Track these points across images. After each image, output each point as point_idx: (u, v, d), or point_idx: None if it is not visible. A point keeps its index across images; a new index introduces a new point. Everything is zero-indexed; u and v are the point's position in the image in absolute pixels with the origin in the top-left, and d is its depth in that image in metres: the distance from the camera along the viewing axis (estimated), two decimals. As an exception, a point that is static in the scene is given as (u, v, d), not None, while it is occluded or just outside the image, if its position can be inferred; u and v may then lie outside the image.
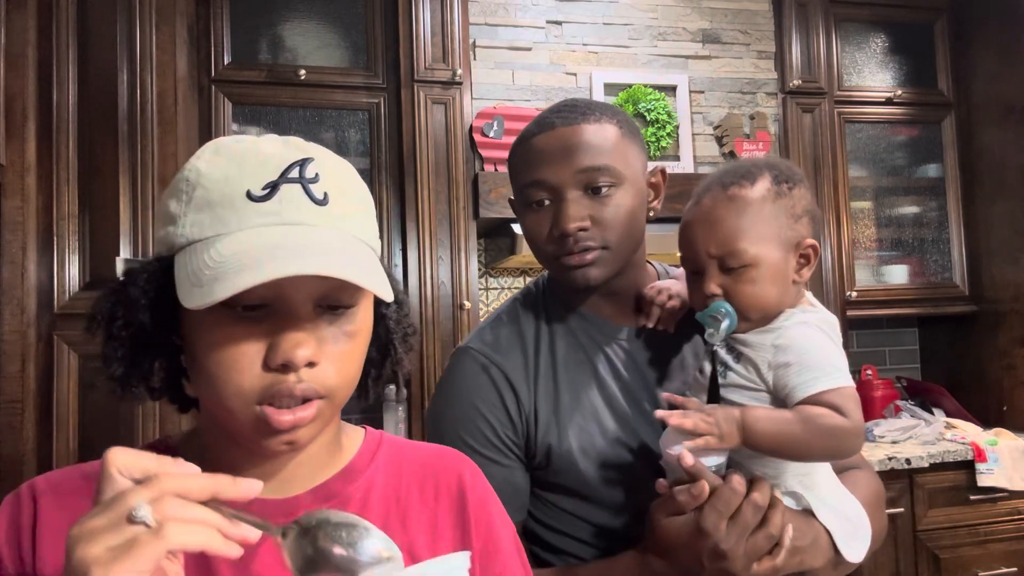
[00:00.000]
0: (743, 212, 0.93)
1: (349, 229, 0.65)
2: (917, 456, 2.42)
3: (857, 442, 0.89)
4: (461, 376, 1.04)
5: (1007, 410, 2.84)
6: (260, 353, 0.60)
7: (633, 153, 1.01)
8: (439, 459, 0.79)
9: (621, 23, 2.75)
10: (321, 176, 0.64)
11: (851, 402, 0.87)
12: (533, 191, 0.99)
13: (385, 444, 0.78)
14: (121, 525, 0.48)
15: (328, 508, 0.57)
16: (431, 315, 2.41)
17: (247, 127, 2.49)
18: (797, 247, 0.94)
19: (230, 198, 0.61)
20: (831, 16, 2.95)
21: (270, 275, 0.56)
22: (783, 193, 0.94)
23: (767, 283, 0.92)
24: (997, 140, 2.93)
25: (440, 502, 0.75)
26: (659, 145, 2.70)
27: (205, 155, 0.65)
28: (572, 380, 1.04)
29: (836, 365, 0.89)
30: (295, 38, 2.52)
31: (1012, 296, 2.86)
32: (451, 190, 2.45)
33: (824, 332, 0.92)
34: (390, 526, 0.71)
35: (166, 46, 2.15)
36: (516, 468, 1.02)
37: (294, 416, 0.61)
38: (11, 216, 1.98)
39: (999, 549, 2.51)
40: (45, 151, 2.02)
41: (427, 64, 2.47)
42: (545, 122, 1.00)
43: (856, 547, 0.91)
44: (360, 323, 0.66)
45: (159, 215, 0.66)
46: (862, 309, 2.86)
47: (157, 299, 0.63)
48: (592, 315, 1.08)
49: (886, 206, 3.06)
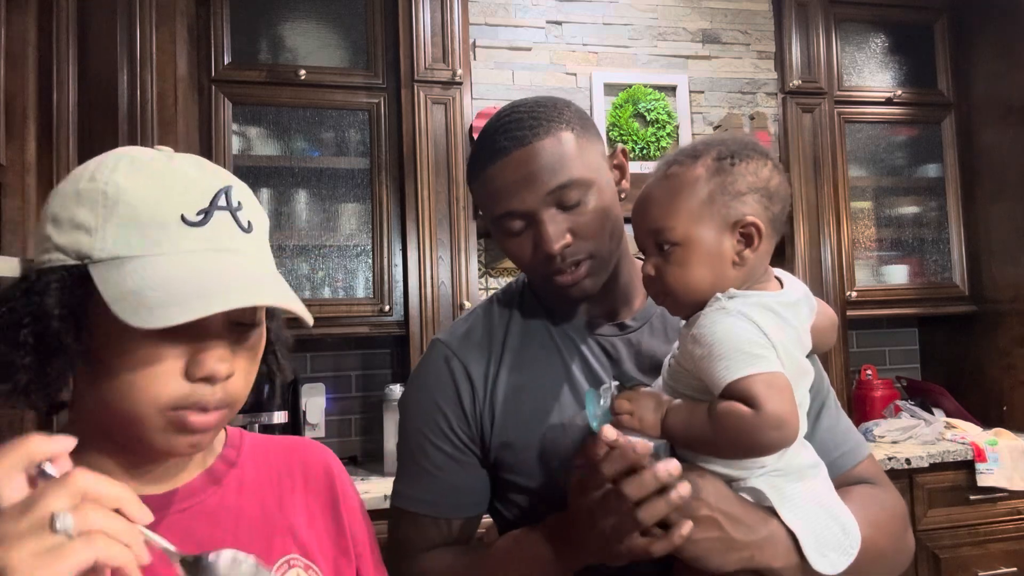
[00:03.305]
0: (676, 190, 0.89)
1: (265, 256, 0.71)
2: (917, 456, 2.42)
3: (774, 434, 0.80)
4: (425, 367, 1.06)
5: (1007, 410, 2.84)
6: (179, 365, 0.64)
7: (591, 150, 0.98)
8: (304, 450, 0.86)
9: (621, 23, 2.75)
10: (243, 204, 0.69)
11: (765, 389, 0.80)
12: (507, 222, 0.97)
13: (248, 438, 0.83)
14: (43, 531, 0.48)
15: (233, 549, 0.59)
16: (431, 315, 2.41)
17: (247, 127, 2.49)
18: (735, 226, 0.88)
19: (162, 220, 0.64)
20: (831, 16, 2.95)
21: (232, 304, 0.61)
22: (724, 169, 0.88)
23: (697, 264, 0.88)
24: (997, 140, 2.93)
25: (310, 487, 0.82)
26: (659, 145, 2.70)
27: (121, 169, 0.65)
28: (538, 378, 1.02)
29: (746, 351, 0.81)
30: (295, 38, 2.52)
31: (1012, 296, 2.86)
32: (451, 190, 2.46)
33: (746, 316, 0.84)
34: (268, 510, 0.77)
35: (166, 46, 2.15)
36: (468, 461, 1.03)
37: (207, 417, 0.65)
38: (11, 216, 1.98)
39: (999, 549, 2.51)
40: (45, 151, 2.02)
41: (427, 64, 2.47)
42: (498, 148, 0.95)
43: (832, 558, 0.85)
44: (260, 338, 0.72)
45: (57, 218, 0.65)
46: (862, 309, 2.86)
47: (71, 308, 0.63)
48: (566, 309, 1.06)
49: (886, 206, 3.06)
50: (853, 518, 0.89)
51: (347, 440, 2.71)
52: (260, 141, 2.50)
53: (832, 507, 0.89)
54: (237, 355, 0.67)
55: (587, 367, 1.03)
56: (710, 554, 0.82)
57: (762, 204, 0.89)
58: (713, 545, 0.82)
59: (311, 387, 2.57)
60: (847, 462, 1.01)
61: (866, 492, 0.98)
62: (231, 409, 0.68)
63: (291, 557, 0.75)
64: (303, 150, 2.52)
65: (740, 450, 0.84)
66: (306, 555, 0.76)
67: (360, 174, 2.53)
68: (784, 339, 0.85)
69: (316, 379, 2.63)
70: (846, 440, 1.02)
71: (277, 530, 0.76)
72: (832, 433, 1.01)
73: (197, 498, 0.73)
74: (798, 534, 0.85)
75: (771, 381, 0.81)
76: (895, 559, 0.98)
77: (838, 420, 1.04)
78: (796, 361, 0.88)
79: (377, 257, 2.49)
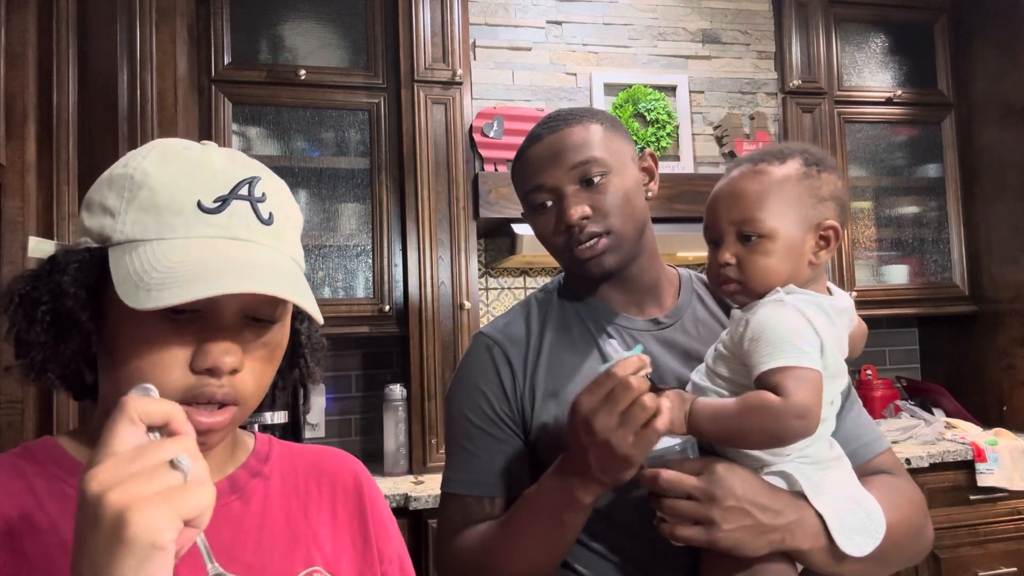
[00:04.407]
0: (767, 185, 0.95)
1: (287, 250, 0.69)
2: (917, 456, 2.42)
3: (796, 423, 0.84)
4: (469, 357, 1.13)
5: (1007, 410, 2.84)
6: (185, 355, 0.63)
7: (618, 143, 1.08)
8: (332, 458, 0.84)
9: (621, 23, 2.75)
10: (267, 197, 0.68)
11: (795, 382, 0.85)
12: (535, 196, 1.07)
13: (277, 445, 0.82)
14: (160, 471, 0.48)
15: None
16: (431, 315, 2.41)
17: (247, 127, 2.49)
18: (817, 228, 0.95)
19: (179, 205, 0.63)
20: (831, 16, 2.95)
21: (221, 289, 0.59)
22: (811, 175, 0.96)
23: (780, 257, 0.94)
24: (997, 140, 2.93)
25: (337, 495, 0.80)
26: (659, 145, 2.70)
27: (152, 156, 0.66)
28: (577, 365, 1.07)
29: (794, 344, 0.87)
30: (295, 38, 2.52)
31: (1012, 296, 2.86)
32: (451, 190, 2.46)
33: (800, 312, 0.90)
34: (293, 519, 0.75)
35: (166, 46, 2.15)
36: (510, 442, 1.06)
37: (212, 419, 0.64)
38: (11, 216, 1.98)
39: (999, 549, 2.51)
40: (45, 151, 2.02)
41: (427, 64, 2.47)
42: (534, 135, 1.09)
43: (859, 541, 0.90)
44: (279, 337, 0.70)
45: (90, 203, 0.67)
46: (862, 309, 2.80)
47: (87, 288, 0.64)
48: (602, 305, 1.12)
49: (886, 206, 3.06)
50: (877, 504, 0.93)
51: (347, 440, 2.71)
52: (260, 141, 2.50)
53: (857, 494, 0.94)
54: (250, 351, 0.66)
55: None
56: (743, 541, 0.88)
57: (837, 211, 0.97)
58: (745, 533, 0.87)
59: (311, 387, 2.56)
60: (868, 452, 1.06)
61: (886, 481, 1.03)
62: (241, 408, 0.66)
63: (314, 569, 0.73)
64: (303, 150, 2.52)
65: (764, 437, 0.87)
66: (329, 567, 0.75)
67: (360, 174, 2.53)
68: (831, 339, 0.91)
69: (316, 379, 2.63)
70: (868, 432, 1.08)
71: (301, 541, 0.74)
72: (855, 424, 1.07)
73: (221, 502, 0.70)
74: (826, 517, 0.89)
75: (805, 375, 0.86)
76: (915, 546, 1.02)
77: (860, 413, 1.10)
78: (838, 361, 0.94)
79: (377, 257, 2.49)
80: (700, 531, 0.88)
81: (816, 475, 0.92)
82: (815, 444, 0.93)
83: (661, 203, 2.45)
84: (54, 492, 0.65)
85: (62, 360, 0.66)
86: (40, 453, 0.68)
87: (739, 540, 0.87)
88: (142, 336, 0.62)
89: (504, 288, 2.81)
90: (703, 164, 2.76)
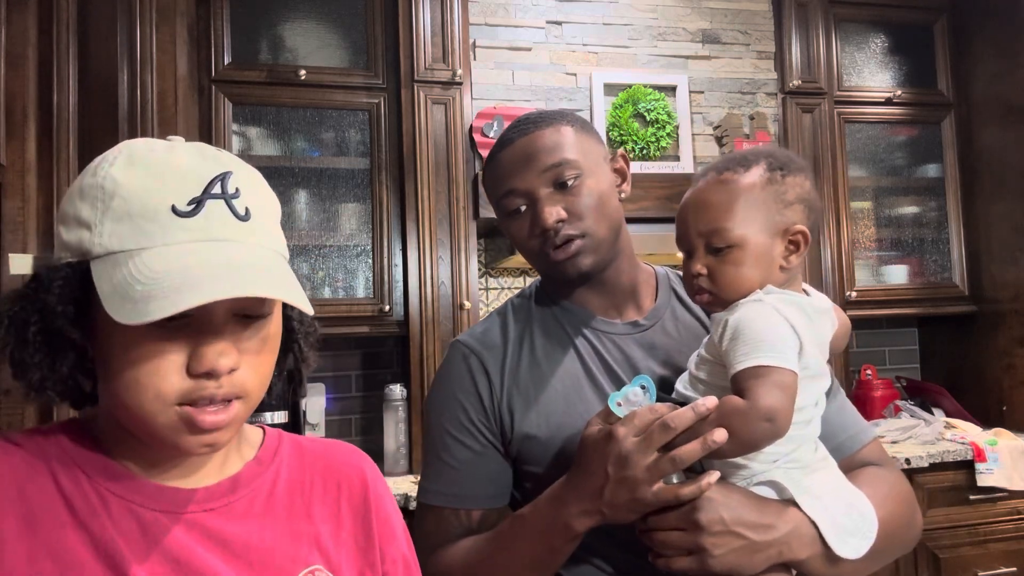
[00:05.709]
0: (732, 195, 0.95)
1: (268, 243, 0.69)
2: (917, 456, 2.42)
3: (764, 426, 0.83)
4: (446, 366, 1.12)
5: (1007, 410, 2.84)
6: (181, 359, 0.63)
7: (590, 145, 1.07)
8: (341, 454, 0.83)
9: (621, 23, 2.75)
10: (241, 191, 0.67)
11: (764, 385, 0.84)
12: (508, 200, 1.06)
13: (286, 440, 0.81)
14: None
15: None
16: (431, 315, 2.41)
17: (247, 127, 2.49)
18: (785, 233, 0.95)
19: (153, 211, 0.63)
20: (831, 16, 2.95)
21: (209, 296, 0.59)
22: (775, 180, 0.95)
23: (750, 265, 0.94)
24: (997, 140, 2.93)
25: (342, 492, 0.79)
26: (659, 145, 2.70)
27: (119, 163, 0.65)
28: (558, 372, 1.06)
29: (771, 343, 0.87)
30: (295, 38, 2.52)
31: (1012, 296, 2.86)
32: (451, 190, 2.46)
33: (778, 311, 0.90)
34: (296, 517, 0.75)
35: (166, 46, 2.15)
36: (488, 454, 1.05)
37: (217, 416, 0.64)
38: (11, 216, 1.98)
39: (999, 549, 2.51)
40: (45, 151, 2.02)
41: (427, 64, 2.47)
42: (505, 139, 1.08)
43: (854, 543, 0.89)
44: (273, 329, 0.70)
45: (65, 217, 0.66)
46: (862, 309, 2.85)
47: (73, 305, 0.64)
48: (578, 309, 1.11)
49: (886, 206, 3.06)
50: (869, 503, 0.93)
51: (347, 440, 2.69)
52: (260, 141, 2.50)
53: (847, 495, 0.93)
54: (244, 348, 0.65)
55: (604, 363, 1.07)
56: (739, 563, 0.87)
57: (805, 214, 0.96)
58: (739, 555, 0.87)
59: (311, 387, 2.57)
60: (854, 444, 1.05)
61: (874, 473, 1.02)
62: (244, 403, 0.66)
63: (315, 568, 0.73)
64: (303, 150, 2.52)
65: (734, 444, 0.85)
66: (330, 566, 0.74)
67: (360, 174, 2.53)
68: (810, 338, 0.90)
69: (316, 379, 2.63)
70: (853, 423, 1.07)
71: (303, 540, 0.74)
72: (840, 416, 1.06)
73: (224, 500, 0.71)
74: (818, 523, 0.89)
75: (776, 378, 0.85)
76: (906, 536, 1.02)
77: (844, 404, 1.09)
78: (819, 362, 0.93)
79: (377, 257, 2.49)
80: (694, 560, 0.87)
81: (805, 480, 0.91)
82: (802, 447, 0.92)
83: (661, 203, 2.45)
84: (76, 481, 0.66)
85: (60, 377, 0.66)
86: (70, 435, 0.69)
87: (734, 563, 0.87)
88: (135, 345, 0.62)
89: (504, 288, 2.81)
90: (703, 164, 2.76)
